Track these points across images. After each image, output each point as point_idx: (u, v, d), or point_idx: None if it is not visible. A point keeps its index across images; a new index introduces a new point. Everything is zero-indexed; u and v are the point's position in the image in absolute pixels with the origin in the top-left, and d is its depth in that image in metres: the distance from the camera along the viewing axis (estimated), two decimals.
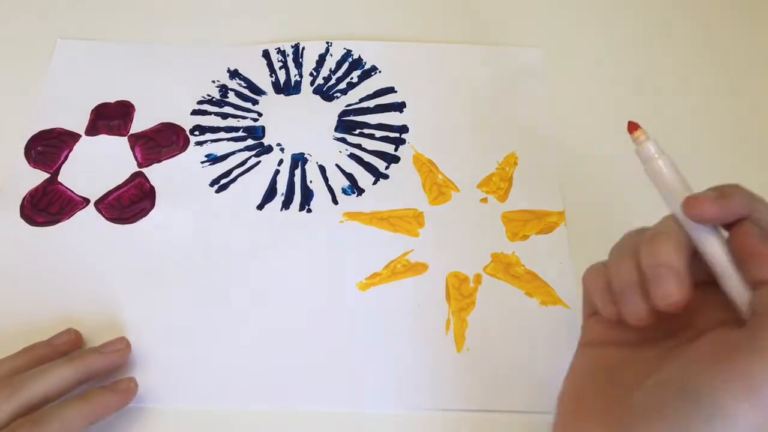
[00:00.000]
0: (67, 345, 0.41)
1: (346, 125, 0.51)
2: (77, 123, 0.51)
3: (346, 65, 0.54)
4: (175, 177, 0.49)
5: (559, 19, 0.58)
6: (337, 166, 0.49)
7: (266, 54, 0.55)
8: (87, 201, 0.47)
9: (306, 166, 0.49)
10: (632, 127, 0.37)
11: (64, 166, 0.49)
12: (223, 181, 0.49)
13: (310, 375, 0.41)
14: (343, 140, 0.51)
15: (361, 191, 0.48)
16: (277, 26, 0.57)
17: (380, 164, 0.49)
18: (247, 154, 0.50)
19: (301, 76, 0.54)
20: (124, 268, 0.45)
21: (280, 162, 0.49)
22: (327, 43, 0.55)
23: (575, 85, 0.54)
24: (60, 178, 0.48)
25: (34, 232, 0.46)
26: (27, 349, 0.40)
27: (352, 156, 0.50)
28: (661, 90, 0.54)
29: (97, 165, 0.49)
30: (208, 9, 0.58)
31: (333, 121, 0.52)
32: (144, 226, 0.47)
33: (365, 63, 0.54)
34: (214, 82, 0.53)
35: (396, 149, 0.50)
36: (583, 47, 0.56)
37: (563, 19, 0.58)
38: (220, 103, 0.52)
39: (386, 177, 0.49)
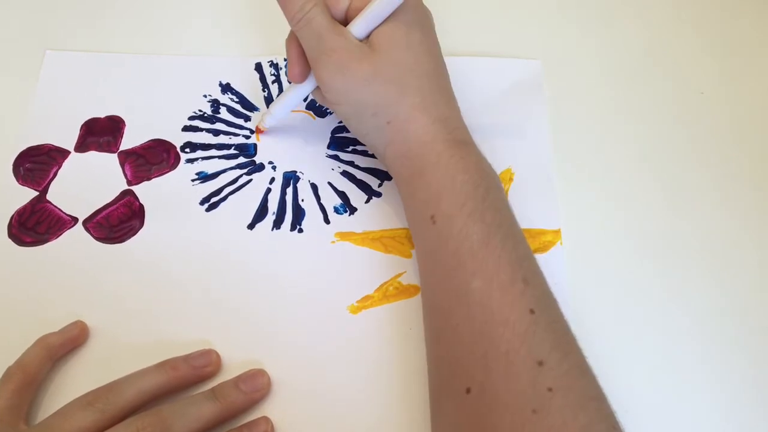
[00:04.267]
0: (210, 369, 0.41)
1: (339, 142, 0.51)
2: (66, 139, 0.50)
3: None
4: (165, 195, 0.48)
5: (558, 31, 0.57)
6: (330, 184, 0.49)
7: (259, 67, 0.54)
8: (75, 220, 0.47)
9: (298, 185, 0.49)
10: (258, 130, 0.51)
11: (52, 183, 0.48)
12: (213, 200, 0.48)
13: (298, 399, 0.41)
14: (336, 157, 0.50)
15: (353, 210, 0.48)
16: (270, 38, 0.56)
17: (373, 182, 0.49)
18: (238, 172, 0.49)
19: None
20: (112, 289, 0.44)
21: (272, 180, 0.49)
22: None
23: (574, 97, 0.53)
24: (48, 196, 0.48)
25: (21, 253, 0.45)
26: (169, 367, 0.40)
27: (344, 173, 0.49)
28: (662, 102, 0.53)
29: (86, 183, 0.48)
30: (200, 20, 0.57)
31: (326, 138, 0.51)
32: (132, 246, 0.46)
33: None
34: (205, 96, 0.53)
35: None
36: (581, 59, 0.55)
37: (562, 31, 0.57)
38: (211, 119, 0.51)
39: (379, 195, 0.48)
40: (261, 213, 0.47)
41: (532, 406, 0.32)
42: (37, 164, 0.49)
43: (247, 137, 0.51)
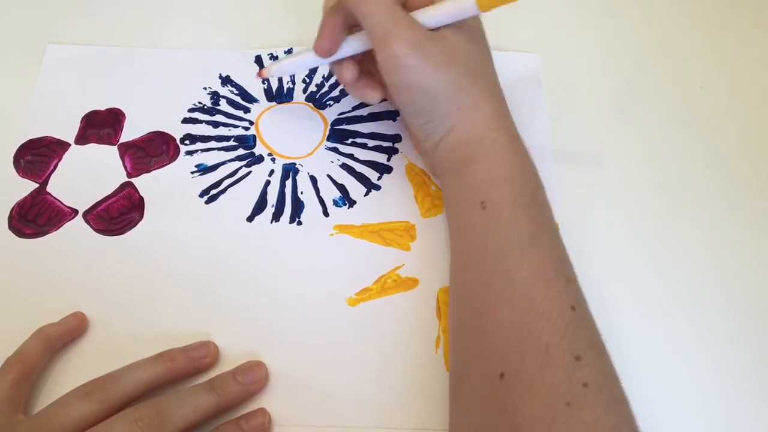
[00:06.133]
0: (207, 361, 0.41)
1: (338, 134, 0.51)
2: (67, 131, 0.50)
3: None
4: (165, 187, 0.48)
5: (557, 24, 0.57)
6: (329, 176, 0.49)
7: (258, 60, 0.54)
8: (75, 212, 0.47)
9: (297, 177, 0.49)
10: (259, 74, 0.49)
11: (53, 175, 0.48)
12: (212, 192, 0.48)
13: (296, 391, 0.41)
14: (335, 150, 0.50)
15: (352, 203, 0.48)
16: (270, 30, 0.56)
17: (372, 174, 0.49)
18: (237, 164, 0.49)
19: (293, 83, 0.53)
20: (111, 281, 0.44)
21: (271, 172, 0.49)
22: None
23: (573, 90, 0.53)
24: (49, 189, 0.48)
25: (21, 244, 0.46)
26: (167, 358, 0.40)
27: (344, 166, 0.49)
28: (660, 94, 0.53)
29: (87, 175, 0.49)
30: (200, 13, 0.57)
31: (325, 130, 0.51)
32: (132, 238, 0.46)
33: None
34: (205, 88, 0.53)
35: (388, 159, 0.50)
36: (580, 53, 0.55)
37: (560, 24, 0.57)
38: (211, 111, 0.52)
39: (378, 188, 0.48)
40: (260, 205, 0.47)
41: (567, 398, 0.32)
42: (38, 156, 0.49)
43: (246, 128, 0.51)
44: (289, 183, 0.48)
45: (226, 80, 0.53)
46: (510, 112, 0.44)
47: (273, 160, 0.49)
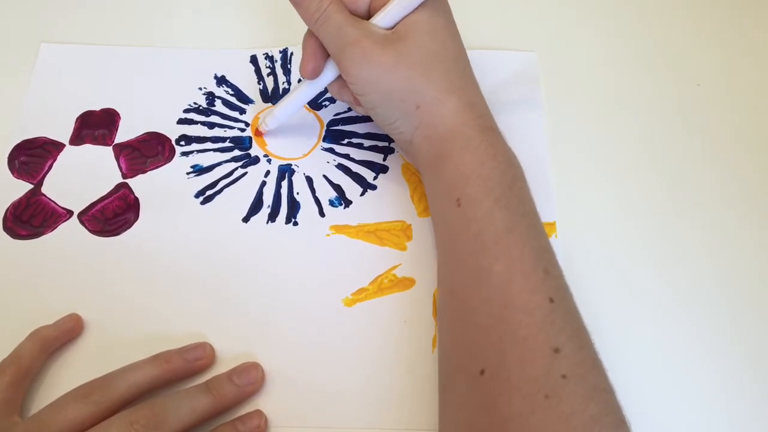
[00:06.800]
0: (203, 362, 0.41)
1: (334, 135, 0.50)
2: (61, 132, 0.50)
3: None
4: (160, 188, 0.48)
5: (553, 23, 0.57)
6: (325, 177, 0.49)
7: (254, 59, 0.54)
8: (70, 213, 0.47)
9: (293, 178, 0.48)
10: (258, 133, 0.50)
11: (47, 176, 0.48)
12: (208, 193, 0.48)
13: (292, 392, 0.41)
14: (331, 150, 0.50)
15: (348, 203, 0.47)
16: (265, 30, 0.56)
17: (368, 174, 0.49)
18: (233, 165, 0.49)
19: (289, 83, 0.53)
20: (107, 282, 0.44)
21: (267, 173, 0.49)
22: None
23: (570, 89, 0.53)
24: (43, 189, 0.48)
25: (16, 246, 0.45)
26: (163, 360, 0.40)
27: (339, 166, 0.49)
28: (659, 93, 0.53)
29: (82, 176, 0.48)
30: (195, 12, 0.57)
31: (321, 131, 0.51)
32: (127, 239, 0.46)
33: None
34: (200, 89, 0.52)
35: (384, 158, 0.49)
36: (577, 51, 0.55)
37: (557, 23, 0.57)
38: (206, 111, 0.51)
39: (374, 188, 0.48)
40: (256, 206, 0.47)
41: (545, 391, 0.32)
42: (32, 157, 0.49)
43: (242, 130, 0.51)
44: (285, 183, 0.48)
45: (221, 80, 0.53)
46: (482, 100, 0.43)
47: (269, 161, 0.49)
